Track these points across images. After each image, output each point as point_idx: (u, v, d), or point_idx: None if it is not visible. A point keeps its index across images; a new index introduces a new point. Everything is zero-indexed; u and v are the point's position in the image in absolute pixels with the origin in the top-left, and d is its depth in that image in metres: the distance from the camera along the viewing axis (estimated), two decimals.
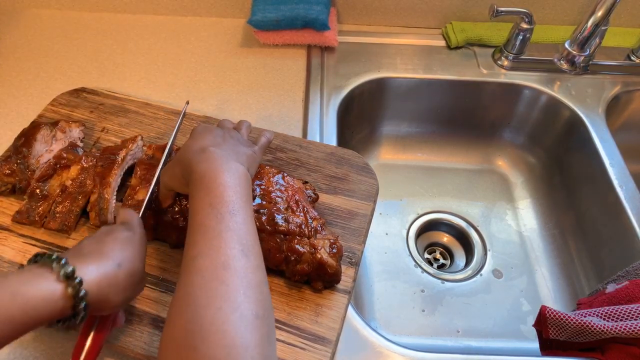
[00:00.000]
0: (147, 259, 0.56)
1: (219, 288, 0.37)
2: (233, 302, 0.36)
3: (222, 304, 0.36)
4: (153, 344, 0.50)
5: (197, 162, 0.46)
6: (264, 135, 0.59)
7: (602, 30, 0.79)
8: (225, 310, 0.36)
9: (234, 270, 0.38)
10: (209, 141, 0.50)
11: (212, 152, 0.47)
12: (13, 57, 0.83)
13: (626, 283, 0.60)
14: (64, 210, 0.58)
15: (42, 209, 0.58)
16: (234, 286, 0.38)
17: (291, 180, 0.59)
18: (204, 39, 0.88)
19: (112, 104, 0.73)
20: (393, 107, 0.90)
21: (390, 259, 0.81)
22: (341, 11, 0.91)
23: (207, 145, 0.49)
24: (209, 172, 0.45)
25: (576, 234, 0.81)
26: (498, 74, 0.86)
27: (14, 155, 0.62)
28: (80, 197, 0.59)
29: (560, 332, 0.56)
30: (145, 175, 0.59)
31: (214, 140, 0.50)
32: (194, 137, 0.52)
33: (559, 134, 0.87)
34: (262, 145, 0.58)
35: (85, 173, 0.60)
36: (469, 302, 0.77)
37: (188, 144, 0.51)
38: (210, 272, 0.38)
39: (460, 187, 0.91)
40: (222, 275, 0.38)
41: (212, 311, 0.36)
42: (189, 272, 0.39)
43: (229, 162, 0.46)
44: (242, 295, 0.37)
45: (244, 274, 0.39)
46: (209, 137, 0.51)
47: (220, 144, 0.50)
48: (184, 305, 0.37)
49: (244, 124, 0.60)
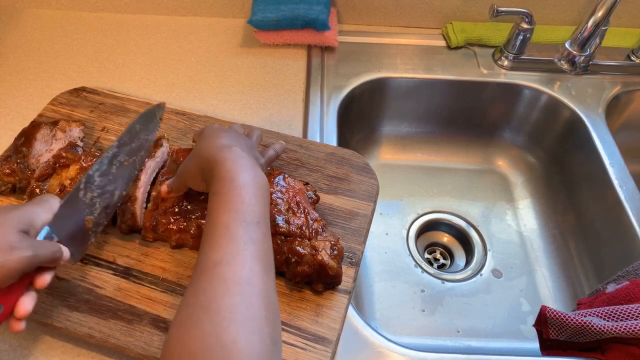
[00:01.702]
0: (147, 259, 0.56)
1: (242, 303, 0.36)
2: (256, 323, 0.35)
3: (245, 322, 0.35)
4: (153, 343, 0.50)
5: (223, 160, 0.45)
6: (273, 149, 0.57)
7: (602, 31, 0.79)
8: (248, 330, 0.35)
9: (257, 288, 0.37)
10: (231, 140, 0.48)
11: (238, 153, 0.46)
12: (13, 57, 0.83)
13: (626, 283, 0.60)
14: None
15: None
16: (257, 305, 0.36)
17: (292, 181, 0.59)
18: (204, 39, 0.88)
19: (112, 103, 0.73)
20: (393, 107, 0.90)
21: (391, 259, 0.81)
22: (341, 11, 0.91)
23: (231, 144, 0.47)
24: (238, 174, 0.43)
25: (576, 234, 0.81)
26: (498, 74, 0.86)
27: (14, 155, 0.62)
28: None
29: (561, 332, 0.56)
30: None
31: (235, 141, 0.49)
32: (213, 135, 0.50)
33: (559, 134, 0.87)
34: (269, 159, 0.56)
35: (84, 173, 0.60)
36: (469, 302, 0.77)
37: (207, 140, 0.49)
38: (234, 285, 0.37)
39: (460, 187, 0.91)
40: (245, 290, 0.37)
41: (235, 328, 0.34)
42: (211, 278, 0.37)
43: (255, 168, 0.45)
44: (263, 318, 0.36)
45: (266, 294, 0.38)
46: (229, 136, 0.50)
47: (241, 145, 0.49)
48: (202, 315, 0.35)
49: (255, 132, 0.58)
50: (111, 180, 0.54)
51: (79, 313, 0.52)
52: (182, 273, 0.56)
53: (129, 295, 0.54)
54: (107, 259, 0.57)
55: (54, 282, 0.54)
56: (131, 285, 0.54)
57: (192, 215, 0.56)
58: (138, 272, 0.56)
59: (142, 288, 0.54)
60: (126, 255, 0.57)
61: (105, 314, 0.52)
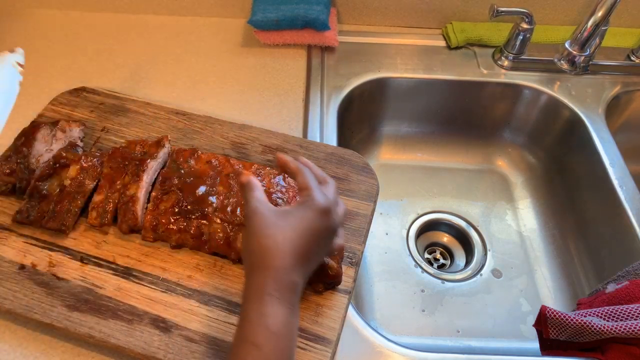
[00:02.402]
0: (147, 259, 0.56)
1: None
2: None
3: None
4: (153, 343, 0.50)
5: (249, 292, 0.41)
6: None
7: (602, 31, 0.79)
8: None
9: None
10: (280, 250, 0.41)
11: (271, 284, 0.40)
12: None
13: (626, 283, 0.60)
14: (62, 210, 0.58)
15: (42, 209, 0.58)
16: None
17: (292, 181, 0.59)
18: (204, 39, 0.88)
19: (112, 103, 0.73)
20: (393, 107, 0.90)
21: (391, 259, 0.81)
22: (341, 11, 0.91)
23: (270, 262, 0.41)
24: (256, 329, 0.39)
25: (576, 234, 0.81)
26: (498, 74, 0.86)
27: (14, 155, 0.62)
28: (79, 196, 0.58)
29: (561, 332, 0.56)
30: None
31: (302, 249, 0.42)
32: (281, 225, 0.42)
33: (559, 134, 0.87)
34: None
35: (85, 173, 0.60)
36: (469, 302, 0.77)
37: (253, 238, 0.42)
38: None
39: (460, 187, 0.91)
40: None
41: None
42: None
43: (283, 308, 0.40)
44: None
45: None
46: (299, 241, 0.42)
47: (307, 252, 0.42)
48: None
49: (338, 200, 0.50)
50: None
51: (79, 313, 0.52)
52: (182, 273, 0.56)
53: (129, 295, 0.54)
54: (107, 259, 0.57)
55: (54, 282, 0.54)
56: (131, 285, 0.54)
57: (192, 215, 0.56)
58: (138, 272, 0.56)
59: (142, 288, 0.54)
60: (126, 255, 0.57)
61: (105, 314, 0.52)
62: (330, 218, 0.44)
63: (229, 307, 0.53)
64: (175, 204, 0.57)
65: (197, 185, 0.59)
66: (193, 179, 0.59)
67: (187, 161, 0.61)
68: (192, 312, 0.53)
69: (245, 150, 0.67)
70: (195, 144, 0.68)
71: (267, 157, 0.66)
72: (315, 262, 0.45)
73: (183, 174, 0.60)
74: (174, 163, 0.61)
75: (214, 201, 0.57)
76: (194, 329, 0.51)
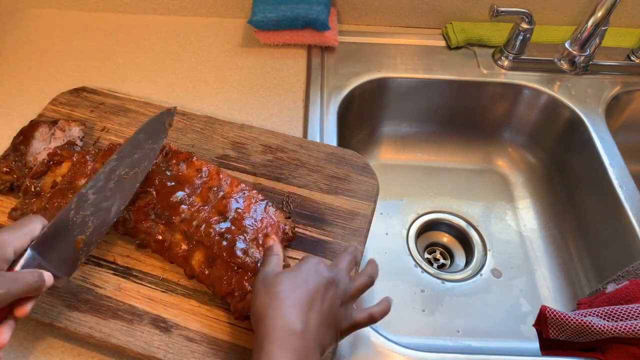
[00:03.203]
0: (147, 259, 0.56)
1: None
2: None
3: None
4: (153, 343, 0.50)
5: (272, 341, 0.39)
6: (365, 274, 0.48)
7: (602, 31, 0.79)
8: None
9: None
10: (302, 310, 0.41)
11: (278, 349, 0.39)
12: (13, 57, 0.83)
13: (626, 283, 0.60)
14: (54, 206, 0.57)
15: (36, 206, 0.57)
16: None
17: (272, 212, 0.57)
18: (204, 39, 0.88)
19: (112, 103, 0.73)
20: (393, 107, 0.90)
21: (391, 259, 0.81)
22: (341, 11, 0.91)
23: (296, 320, 0.40)
24: None
25: (576, 234, 0.81)
26: (498, 74, 0.86)
27: (12, 153, 0.62)
28: (70, 193, 0.57)
29: (561, 332, 0.56)
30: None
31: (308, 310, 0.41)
32: (292, 283, 0.42)
33: (559, 134, 0.87)
34: (358, 289, 0.47)
35: (75, 169, 0.59)
36: (469, 302, 0.77)
37: (279, 288, 0.42)
38: None
39: (460, 187, 0.91)
40: None
41: None
42: None
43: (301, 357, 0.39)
44: None
45: None
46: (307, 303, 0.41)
47: (314, 319, 0.41)
48: None
49: (346, 258, 0.49)
50: (107, 196, 0.51)
51: (79, 313, 0.52)
52: (182, 273, 0.55)
53: (129, 295, 0.54)
54: (107, 258, 0.57)
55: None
56: (131, 285, 0.54)
57: (159, 220, 0.55)
58: (138, 272, 0.56)
59: (142, 288, 0.54)
60: (126, 255, 0.57)
61: (106, 314, 0.52)
62: (323, 270, 0.44)
63: (228, 307, 0.53)
64: (147, 204, 0.56)
65: (174, 191, 0.56)
66: (174, 184, 0.57)
67: (179, 164, 0.59)
68: (192, 312, 0.53)
69: (245, 150, 0.67)
70: (195, 144, 0.68)
71: (267, 157, 0.66)
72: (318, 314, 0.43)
73: (167, 176, 0.58)
74: (164, 163, 0.60)
75: (184, 210, 0.55)
76: (194, 329, 0.51)
